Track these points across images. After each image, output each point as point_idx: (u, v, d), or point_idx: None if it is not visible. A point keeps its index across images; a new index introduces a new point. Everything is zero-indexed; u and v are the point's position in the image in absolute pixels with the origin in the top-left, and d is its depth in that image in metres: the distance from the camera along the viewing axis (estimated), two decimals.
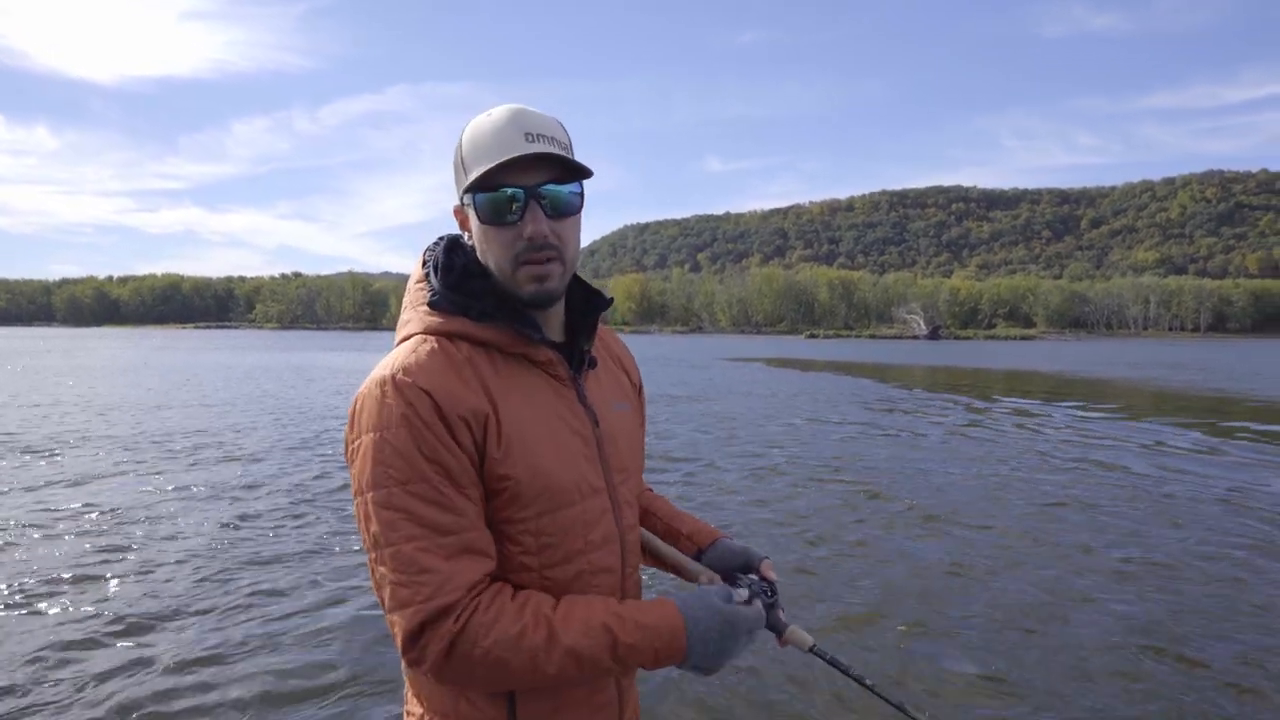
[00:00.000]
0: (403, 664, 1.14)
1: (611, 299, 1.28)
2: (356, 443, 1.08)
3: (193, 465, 8.91)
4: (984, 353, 55.35)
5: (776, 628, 1.22)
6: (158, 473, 8.43)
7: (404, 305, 1.22)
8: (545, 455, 1.13)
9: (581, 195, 1.15)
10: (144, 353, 40.83)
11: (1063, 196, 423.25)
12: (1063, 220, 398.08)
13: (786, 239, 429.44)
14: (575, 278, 1.24)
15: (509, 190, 1.10)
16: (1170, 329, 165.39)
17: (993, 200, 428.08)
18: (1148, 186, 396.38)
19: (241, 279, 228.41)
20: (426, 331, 1.14)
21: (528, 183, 1.10)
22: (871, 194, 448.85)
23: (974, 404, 16.98)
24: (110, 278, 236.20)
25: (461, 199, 1.16)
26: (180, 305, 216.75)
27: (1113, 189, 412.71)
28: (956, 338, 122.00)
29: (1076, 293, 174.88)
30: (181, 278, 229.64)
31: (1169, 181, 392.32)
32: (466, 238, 1.20)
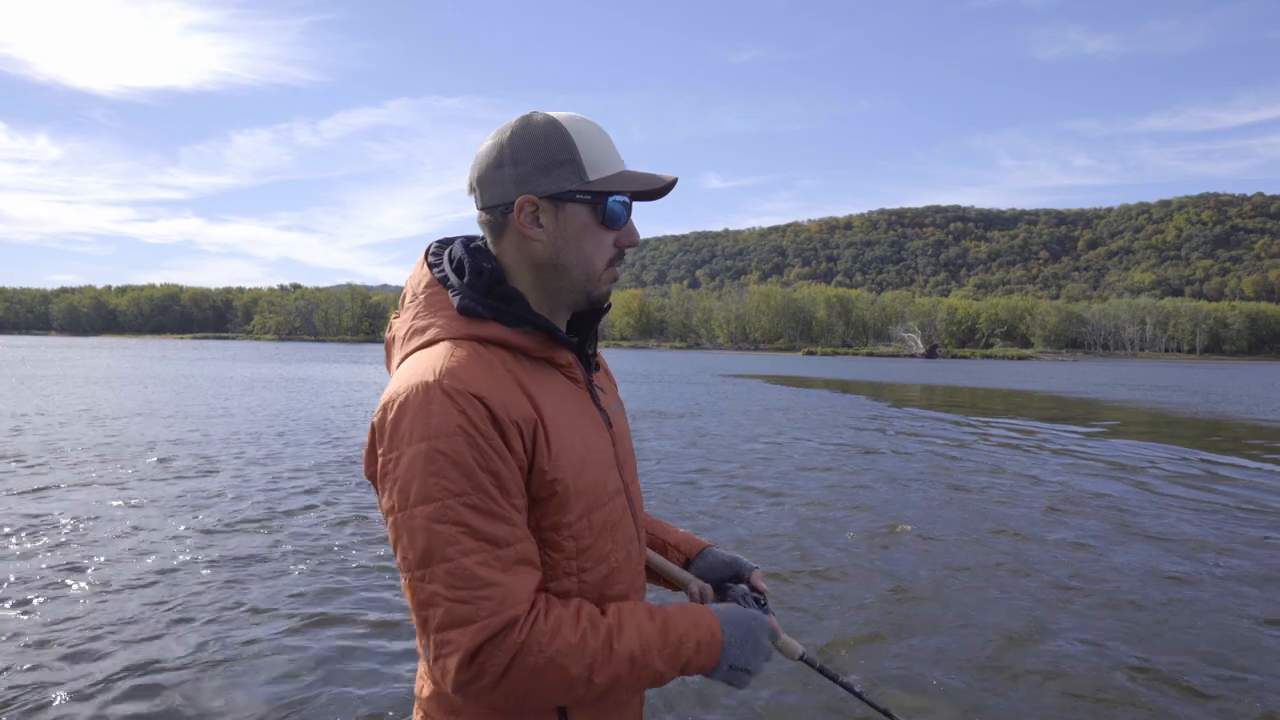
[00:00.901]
0: (424, 691, 1.12)
1: (609, 304, 1.28)
2: (394, 455, 1.03)
3: (182, 477, 8.89)
4: (981, 372, 55.44)
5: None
6: (150, 484, 8.42)
7: (413, 311, 1.18)
8: (581, 458, 1.14)
9: None
10: (142, 363, 40.74)
11: (1059, 217, 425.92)
12: (1059, 241, 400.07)
13: (785, 256, 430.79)
14: None
15: (626, 199, 1.16)
16: (1166, 350, 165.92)
17: (990, 220, 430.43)
18: (1144, 208, 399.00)
19: (240, 290, 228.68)
20: (457, 337, 1.11)
21: (627, 196, 1.16)
22: (869, 213, 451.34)
23: (970, 423, 17.00)
24: (108, 287, 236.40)
25: (560, 194, 1.14)
26: (178, 316, 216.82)
27: (1109, 210, 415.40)
28: (954, 357, 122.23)
29: (1073, 313, 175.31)
30: (180, 288, 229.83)
31: (1165, 204, 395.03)
32: (536, 231, 1.15)
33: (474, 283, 1.15)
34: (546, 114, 1.16)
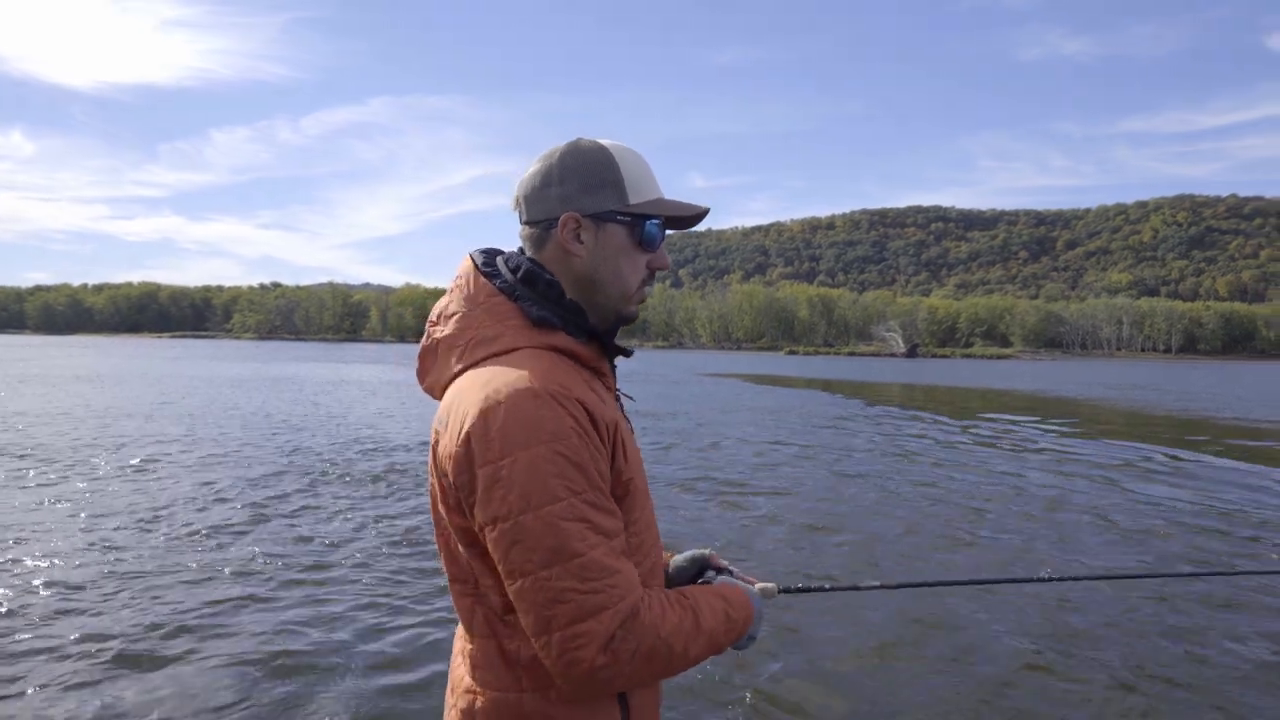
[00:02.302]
0: (478, 704, 1.17)
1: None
2: (506, 461, 1.05)
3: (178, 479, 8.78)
4: (960, 372, 55.91)
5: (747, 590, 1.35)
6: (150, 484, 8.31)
7: (473, 319, 1.21)
8: (636, 460, 1.23)
9: None
10: (117, 361, 40.17)
11: (1039, 218, 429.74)
12: (1038, 241, 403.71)
13: (768, 256, 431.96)
14: None
15: (661, 224, 1.25)
16: (1143, 350, 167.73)
17: (970, 221, 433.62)
18: (1121, 209, 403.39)
19: (219, 289, 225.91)
20: (532, 346, 1.16)
21: (663, 220, 1.26)
22: (852, 213, 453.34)
23: (948, 422, 17.13)
24: (85, 285, 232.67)
25: (602, 213, 1.21)
26: (156, 314, 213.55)
27: (1087, 211, 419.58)
28: (934, 356, 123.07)
29: (1052, 313, 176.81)
30: (158, 287, 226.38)
31: (1141, 205, 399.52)
32: (576, 246, 1.22)
33: (547, 293, 1.20)
34: (594, 139, 1.23)
